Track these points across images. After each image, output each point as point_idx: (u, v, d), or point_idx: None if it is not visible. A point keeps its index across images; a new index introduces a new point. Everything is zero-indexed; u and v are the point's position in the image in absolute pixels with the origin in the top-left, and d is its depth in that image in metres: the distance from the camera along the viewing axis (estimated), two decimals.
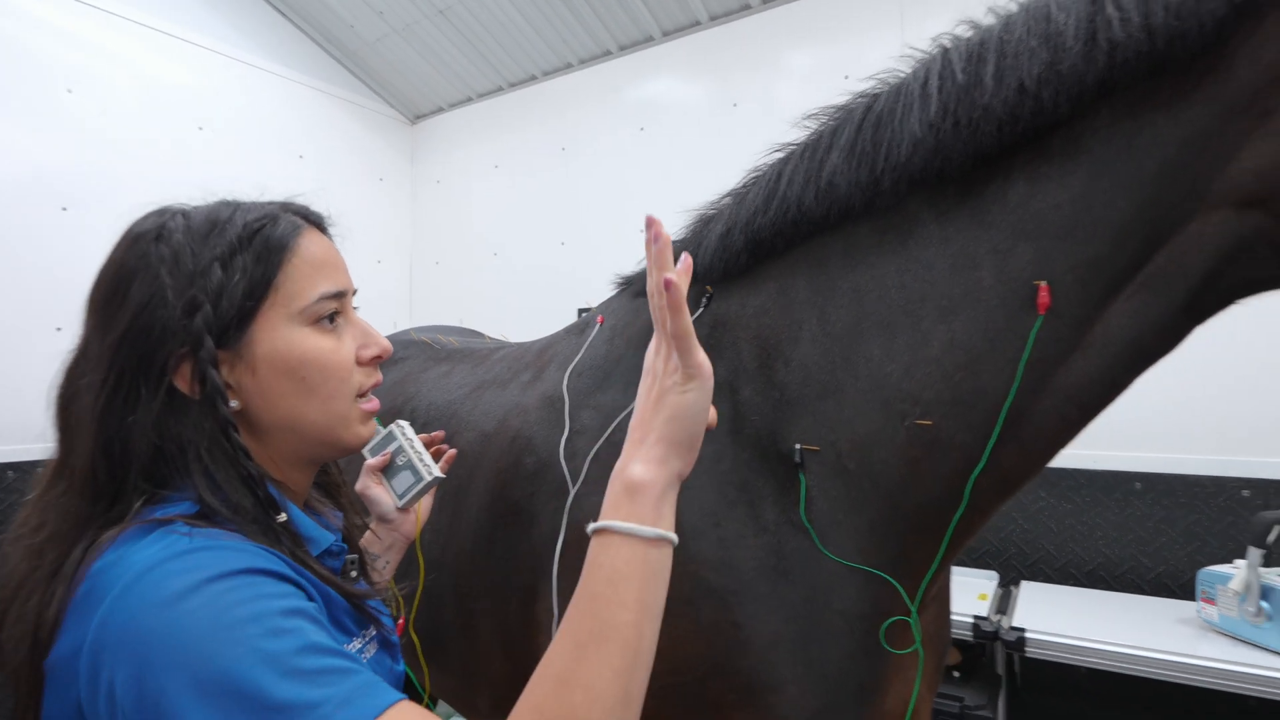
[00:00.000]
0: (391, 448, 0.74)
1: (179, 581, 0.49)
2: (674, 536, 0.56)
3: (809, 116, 0.95)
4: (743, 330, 0.95)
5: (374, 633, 0.69)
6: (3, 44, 2.38)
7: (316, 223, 0.70)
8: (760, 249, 0.95)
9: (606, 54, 3.22)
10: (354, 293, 0.70)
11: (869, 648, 0.86)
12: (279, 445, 0.66)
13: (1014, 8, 0.78)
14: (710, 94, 2.99)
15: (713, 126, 2.95)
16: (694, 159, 2.96)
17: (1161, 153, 0.69)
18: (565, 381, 1.10)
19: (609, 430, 1.00)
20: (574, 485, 0.99)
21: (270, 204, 0.68)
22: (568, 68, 3.35)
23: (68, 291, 0.72)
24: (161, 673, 0.46)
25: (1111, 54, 0.68)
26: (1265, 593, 1.71)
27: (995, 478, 0.81)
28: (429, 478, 0.72)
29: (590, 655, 0.51)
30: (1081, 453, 2.31)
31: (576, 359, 1.13)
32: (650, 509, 0.55)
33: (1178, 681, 1.71)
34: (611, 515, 0.55)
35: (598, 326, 1.17)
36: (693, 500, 0.90)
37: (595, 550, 0.55)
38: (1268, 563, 1.80)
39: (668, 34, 3.06)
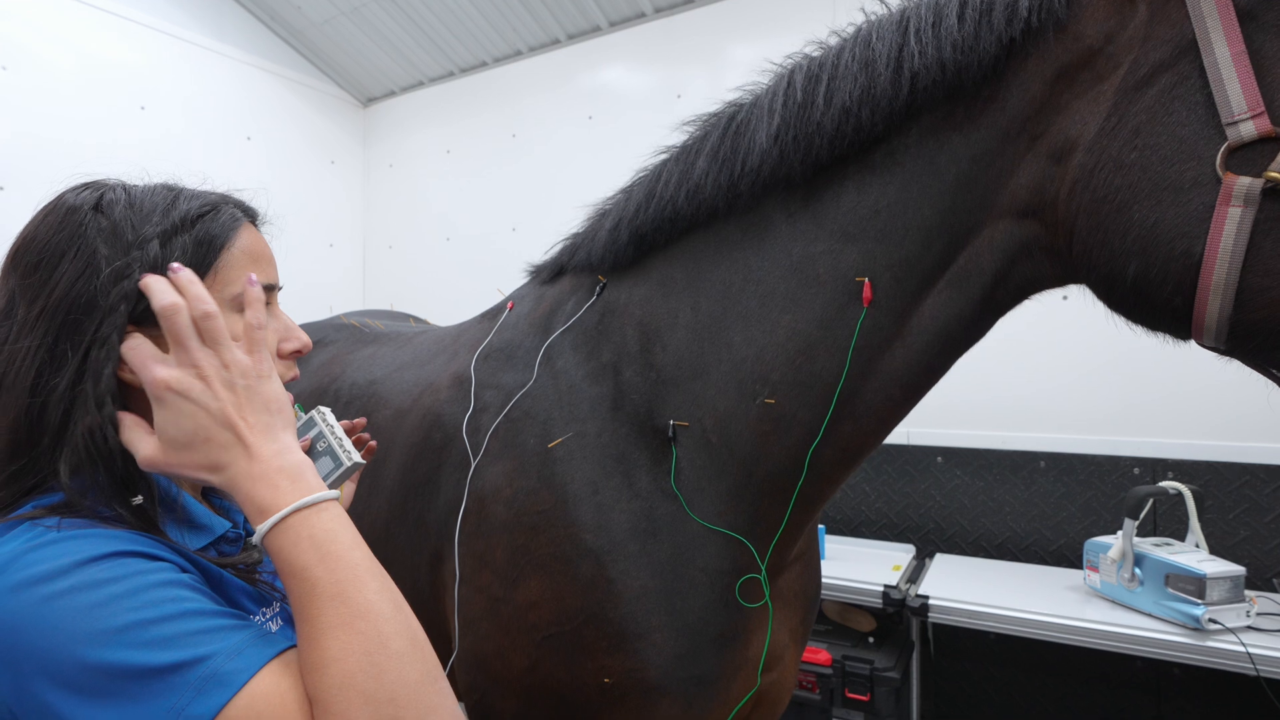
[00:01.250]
0: (312, 433, 0.74)
1: (42, 568, 0.49)
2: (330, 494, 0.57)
3: (687, 122, 1.04)
4: (628, 317, 1.05)
5: (278, 609, 0.68)
6: None
7: (254, 218, 0.72)
8: (644, 243, 1.04)
9: (555, 42, 3.27)
10: (280, 289, 0.73)
11: (728, 601, 0.96)
12: None
13: (849, 31, 0.88)
14: (656, 85, 3.06)
15: (658, 117, 2.99)
16: (640, 148, 3.02)
17: (957, 168, 0.80)
18: (474, 362, 1.19)
19: (507, 408, 1.09)
20: (475, 458, 1.08)
21: (212, 194, 0.69)
22: (518, 55, 3.38)
23: None
24: (38, 669, 0.46)
25: (914, 81, 0.78)
26: (1138, 560, 1.87)
27: (835, 449, 0.92)
28: (349, 463, 0.74)
29: (354, 599, 0.51)
30: (993, 434, 2.47)
31: (485, 342, 1.21)
32: (308, 480, 0.57)
33: (1064, 642, 1.87)
34: (284, 503, 0.54)
35: (507, 312, 1.25)
36: (575, 471, 1.00)
37: (288, 537, 0.53)
38: (1142, 532, 1.97)
39: (614, 24, 3.12)
